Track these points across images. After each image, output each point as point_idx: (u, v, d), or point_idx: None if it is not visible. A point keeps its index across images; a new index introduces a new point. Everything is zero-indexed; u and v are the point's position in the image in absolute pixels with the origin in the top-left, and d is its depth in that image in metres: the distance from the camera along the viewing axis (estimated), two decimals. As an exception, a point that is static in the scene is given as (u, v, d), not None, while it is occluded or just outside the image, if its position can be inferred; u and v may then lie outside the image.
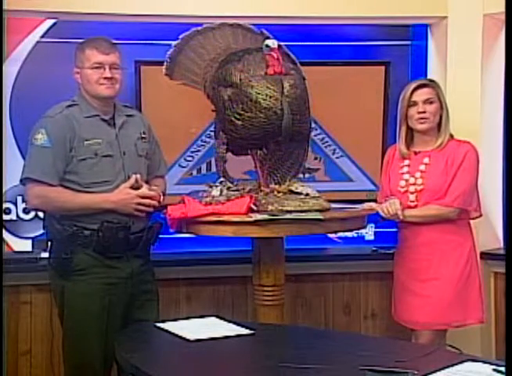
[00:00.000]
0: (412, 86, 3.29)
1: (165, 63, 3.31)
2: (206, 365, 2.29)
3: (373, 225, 3.93)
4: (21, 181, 2.98)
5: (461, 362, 2.13)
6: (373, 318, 4.00)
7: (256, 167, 3.23)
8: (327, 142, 3.91)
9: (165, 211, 3.05)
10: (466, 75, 3.77)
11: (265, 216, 2.91)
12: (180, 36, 3.30)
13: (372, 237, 4.04)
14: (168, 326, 2.64)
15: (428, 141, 3.29)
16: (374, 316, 4.00)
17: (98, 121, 3.00)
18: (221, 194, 3.05)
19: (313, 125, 3.43)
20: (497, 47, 3.79)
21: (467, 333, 3.49)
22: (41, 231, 3.51)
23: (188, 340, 2.46)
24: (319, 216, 2.96)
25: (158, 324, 2.69)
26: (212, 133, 3.46)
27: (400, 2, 3.79)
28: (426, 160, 3.27)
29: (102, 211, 2.92)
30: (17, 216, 3.75)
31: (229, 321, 2.70)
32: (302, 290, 3.90)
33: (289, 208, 2.98)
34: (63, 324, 3.02)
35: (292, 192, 3.12)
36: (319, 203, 3.06)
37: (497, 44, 3.79)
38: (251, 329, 2.57)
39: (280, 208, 2.97)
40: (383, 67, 3.85)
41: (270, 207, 2.98)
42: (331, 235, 3.89)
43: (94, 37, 3.06)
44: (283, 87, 2.98)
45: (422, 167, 3.27)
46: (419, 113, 3.25)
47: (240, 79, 3.04)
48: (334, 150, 3.92)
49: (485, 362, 2.13)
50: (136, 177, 2.98)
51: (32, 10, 3.53)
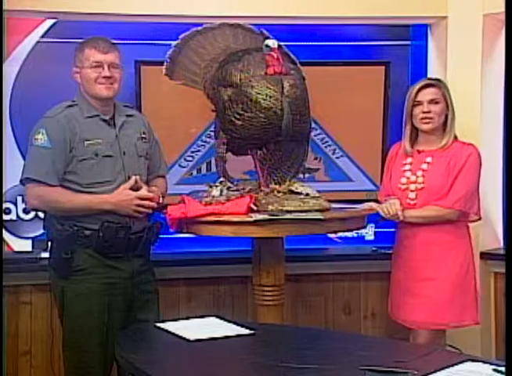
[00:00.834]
0: (417, 85, 3.28)
1: (165, 63, 3.31)
2: (206, 365, 2.28)
3: (373, 225, 3.94)
4: (21, 181, 2.98)
5: (461, 362, 2.13)
6: (373, 318, 4.00)
7: (256, 167, 3.23)
8: (327, 142, 3.91)
9: (165, 211, 3.05)
10: (466, 75, 3.77)
11: (265, 216, 2.91)
12: (180, 36, 3.30)
13: (372, 237, 4.04)
14: (168, 326, 2.64)
15: (433, 141, 3.29)
16: (374, 316, 4.00)
17: (98, 121, 3.00)
18: (221, 194, 3.05)
19: (313, 125, 3.44)
20: (497, 47, 3.79)
21: (467, 333, 3.48)
22: (41, 231, 3.51)
23: (188, 340, 2.46)
24: (320, 216, 2.96)
25: (158, 324, 2.69)
26: (212, 133, 3.47)
27: (400, 2, 3.79)
28: (429, 159, 3.27)
29: (102, 212, 2.93)
30: (17, 216, 3.75)
31: (229, 321, 2.70)
32: (302, 290, 3.90)
33: (289, 208, 2.98)
34: (63, 324, 3.01)
35: (292, 192, 3.12)
36: (319, 203, 3.06)
37: (497, 44, 3.80)
38: (251, 329, 2.57)
39: (280, 208, 2.97)
40: (383, 67, 3.85)
41: (270, 207, 2.99)
42: (331, 235, 3.88)
43: (93, 37, 3.06)
44: (283, 87, 2.98)
45: (424, 166, 3.26)
46: (423, 113, 3.25)
47: (240, 79, 3.04)
48: (334, 150, 3.92)
49: (485, 362, 2.13)
50: (136, 178, 2.98)
51: (32, 10, 3.53)
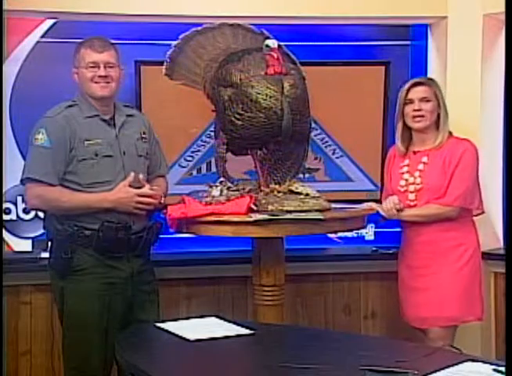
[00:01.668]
0: (408, 84, 3.30)
1: (165, 63, 3.31)
2: (206, 365, 2.28)
3: (373, 225, 3.93)
4: (21, 181, 2.98)
5: (461, 362, 2.13)
6: (373, 318, 4.00)
7: (256, 167, 3.23)
8: (327, 142, 3.91)
9: (165, 211, 3.05)
10: (466, 75, 3.77)
11: (265, 216, 2.91)
12: (180, 36, 3.30)
13: (372, 237, 4.03)
14: (168, 326, 2.64)
15: (427, 140, 3.30)
16: (374, 316, 3.99)
17: (98, 121, 3.00)
18: (221, 194, 3.05)
19: (313, 125, 3.43)
20: (497, 47, 3.79)
21: (467, 333, 3.49)
22: (41, 231, 3.50)
23: (188, 340, 2.46)
24: (320, 216, 2.96)
25: (158, 324, 2.69)
26: (212, 133, 3.47)
27: (400, 2, 3.79)
28: (424, 159, 3.27)
29: (101, 211, 2.92)
30: (17, 216, 3.75)
31: (229, 321, 2.70)
32: (302, 290, 3.90)
33: (289, 208, 2.98)
34: (63, 325, 3.02)
35: (292, 192, 3.12)
36: (319, 203, 3.06)
37: (497, 44, 3.79)
38: (251, 329, 2.57)
39: (280, 208, 2.97)
40: (383, 67, 3.85)
41: (270, 207, 2.99)
42: (331, 235, 3.88)
43: (90, 37, 3.06)
44: (283, 87, 2.98)
45: (420, 166, 3.27)
46: (414, 111, 3.25)
47: (240, 79, 3.04)
48: (334, 150, 3.92)
49: (485, 362, 2.13)
50: (138, 176, 2.98)
51: (32, 10, 3.53)
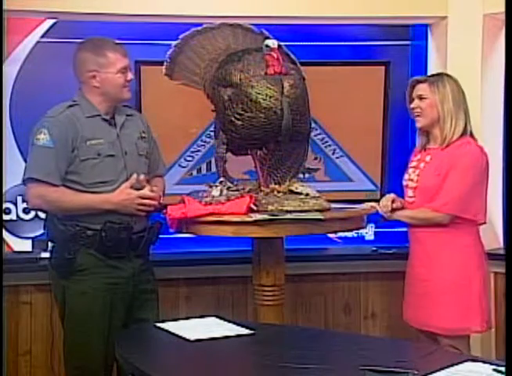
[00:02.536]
0: (409, 83, 3.27)
1: (165, 63, 3.31)
2: (206, 365, 2.29)
3: (373, 225, 3.94)
4: (23, 181, 2.96)
5: (461, 362, 2.13)
6: (373, 318, 4.00)
7: (256, 167, 3.23)
8: (327, 142, 3.91)
9: (165, 211, 3.05)
10: (466, 75, 3.75)
11: (265, 216, 2.90)
12: (180, 36, 3.30)
13: (372, 237, 4.04)
14: (168, 326, 2.64)
15: (436, 139, 3.22)
16: (374, 316, 4.00)
17: (99, 121, 2.99)
18: (221, 194, 3.05)
19: (313, 125, 3.43)
20: (497, 47, 3.79)
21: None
22: (41, 231, 3.50)
23: (188, 340, 2.46)
24: (319, 216, 2.96)
25: (158, 324, 2.68)
26: (212, 133, 3.46)
27: (400, 2, 3.79)
28: (427, 158, 3.22)
29: (104, 211, 2.92)
30: (17, 216, 3.75)
31: (229, 321, 2.70)
32: (302, 290, 3.90)
33: (289, 208, 2.98)
34: (65, 325, 3.00)
35: (292, 192, 3.12)
36: (319, 203, 3.06)
37: (497, 44, 3.80)
38: (251, 329, 2.57)
39: (280, 208, 2.97)
40: (383, 67, 3.85)
41: (270, 207, 2.98)
42: (331, 235, 3.89)
43: (103, 38, 3.03)
44: (283, 87, 2.98)
45: (422, 164, 3.23)
46: (411, 109, 3.24)
47: (240, 79, 3.04)
48: (334, 150, 3.92)
49: (485, 362, 2.13)
50: (139, 177, 2.97)
51: (32, 10, 3.53)
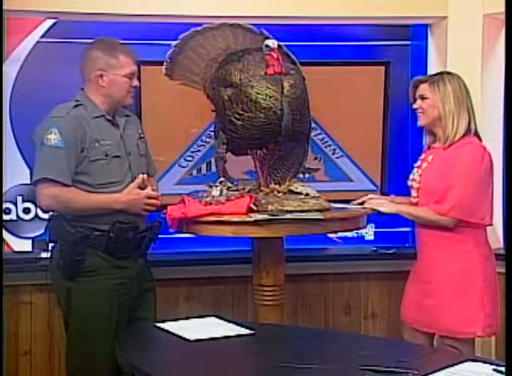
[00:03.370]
0: (412, 83, 3.22)
1: (165, 63, 3.31)
2: (206, 365, 2.29)
3: (373, 225, 3.94)
4: (35, 182, 2.90)
5: (461, 362, 2.13)
6: (373, 318, 4.00)
7: (256, 167, 3.23)
8: (327, 142, 3.91)
9: (165, 211, 3.05)
10: (466, 75, 3.72)
11: (265, 216, 2.91)
12: (180, 36, 3.30)
13: (372, 237, 4.04)
14: (168, 326, 2.64)
15: (439, 138, 3.15)
16: (374, 316, 4.00)
17: (104, 122, 2.98)
18: (221, 194, 3.05)
19: (313, 125, 3.43)
20: (497, 47, 3.79)
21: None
22: (41, 231, 3.51)
23: (188, 340, 2.46)
24: (319, 216, 2.96)
25: (158, 324, 2.69)
26: (212, 133, 3.46)
27: (400, 2, 3.79)
28: (430, 158, 3.15)
29: (112, 212, 2.91)
30: (17, 216, 3.75)
31: (229, 321, 2.70)
32: (302, 290, 3.90)
33: (289, 208, 2.98)
34: (70, 327, 2.96)
35: (292, 192, 3.12)
36: (319, 203, 3.06)
37: (497, 44, 3.79)
38: (251, 329, 2.57)
39: (280, 208, 2.97)
40: (383, 67, 3.86)
41: (270, 207, 2.98)
42: (331, 235, 3.89)
43: (116, 40, 3.03)
44: (283, 87, 2.98)
45: (425, 164, 3.16)
46: (414, 109, 3.20)
47: (240, 79, 3.04)
48: (334, 150, 3.92)
49: (485, 362, 2.14)
50: (143, 177, 2.98)
51: (32, 10, 3.53)
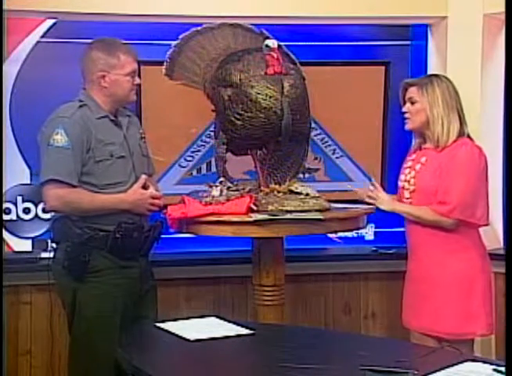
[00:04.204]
0: (401, 85, 3.19)
1: (165, 63, 3.31)
2: (206, 365, 2.28)
3: (373, 225, 3.94)
4: (41, 183, 2.89)
5: (461, 362, 2.13)
6: (373, 318, 4.00)
7: (256, 167, 3.23)
8: (327, 142, 3.91)
9: (165, 211, 3.05)
10: (466, 75, 3.76)
11: (265, 216, 2.91)
12: (180, 36, 3.31)
13: (372, 237, 4.04)
14: (168, 326, 2.64)
15: (430, 140, 3.12)
16: (374, 316, 4.00)
17: (108, 122, 2.97)
18: (221, 194, 3.05)
19: (313, 125, 3.44)
20: (497, 47, 3.79)
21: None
22: (41, 231, 3.51)
23: (188, 340, 2.46)
24: (319, 216, 2.96)
25: (158, 324, 2.68)
26: (212, 133, 3.47)
27: (400, 2, 3.79)
28: (423, 159, 3.11)
29: (117, 212, 2.90)
30: (17, 216, 3.74)
31: (229, 321, 2.70)
32: (302, 290, 3.90)
33: (289, 208, 2.98)
34: (74, 326, 2.95)
35: (292, 192, 3.12)
36: (319, 203, 3.06)
37: (497, 44, 3.79)
38: (251, 329, 2.57)
39: (280, 208, 2.98)
40: (383, 67, 3.85)
41: (270, 207, 2.99)
42: (331, 235, 3.88)
43: (116, 39, 3.02)
44: (283, 87, 2.98)
45: (418, 166, 3.12)
46: (403, 112, 3.16)
47: (240, 79, 3.04)
48: (334, 150, 3.92)
49: (485, 362, 2.13)
50: (146, 177, 2.98)
51: (32, 10, 3.53)
